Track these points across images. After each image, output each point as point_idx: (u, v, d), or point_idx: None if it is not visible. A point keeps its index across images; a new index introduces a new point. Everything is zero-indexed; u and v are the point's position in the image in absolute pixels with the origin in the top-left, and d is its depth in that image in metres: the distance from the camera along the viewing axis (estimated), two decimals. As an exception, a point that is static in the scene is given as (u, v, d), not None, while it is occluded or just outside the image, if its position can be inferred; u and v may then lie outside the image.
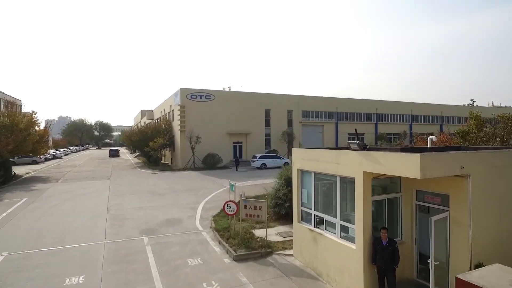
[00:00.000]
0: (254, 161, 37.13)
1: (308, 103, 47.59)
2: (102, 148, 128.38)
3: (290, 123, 46.10)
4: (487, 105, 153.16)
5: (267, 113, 44.54)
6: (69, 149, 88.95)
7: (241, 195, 13.38)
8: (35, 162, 47.78)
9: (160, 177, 30.90)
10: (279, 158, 38.24)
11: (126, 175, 32.71)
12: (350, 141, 8.48)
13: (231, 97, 42.55)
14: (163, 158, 52.62)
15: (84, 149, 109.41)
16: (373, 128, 53.24)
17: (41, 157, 50.21)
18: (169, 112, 47.35)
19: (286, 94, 46.87)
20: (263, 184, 25.66)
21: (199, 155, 38.11)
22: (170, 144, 44.17)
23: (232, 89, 48.13)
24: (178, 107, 39.94)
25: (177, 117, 41.02)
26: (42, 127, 37.45)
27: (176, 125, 41.84)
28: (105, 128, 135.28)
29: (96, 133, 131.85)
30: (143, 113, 78.70)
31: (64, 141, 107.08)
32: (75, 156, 71.02)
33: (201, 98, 40.45)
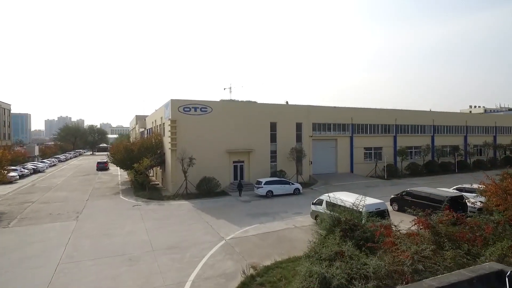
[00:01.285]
0: (258, 187, 31.03)
1: (319, 115, 41.48)
2: (96, 153, 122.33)
3: (299, 137, 39.96)
4: (495, 107, 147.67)
5: (273, 127, 38.42)
6: (57, 158, 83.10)
7: None
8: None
9: (143, 214, 24.77)
10: (288, 183, 32.12)
11: (102, 209, 26.59)
12: None
13: (231, 109, 36.44)
14: (154, 175, 46.63)
15: (75, 156, 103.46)
16: (392, 141, 47.10)
17: (15, 175, 44.33)
18: (160, 125, 41.31)
19: (295, 105, 40.83)
20: (274, 233, 19.56)
21: (193, 178, 32.08)
22: (161, 162, 38.11)
23: (232, 90, 42.16)
24: (169, 122, 33.86)
25: (167, 133, 34.94)
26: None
27: (166, 142, 35.77)
28: (100, 132, 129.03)
29: (90, 138, 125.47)
30: (137, 118, 72.76)
31: (55, 148, 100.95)
32: (61, 168, 64.96)
33: (195, 110, 34.34)
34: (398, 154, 44.92)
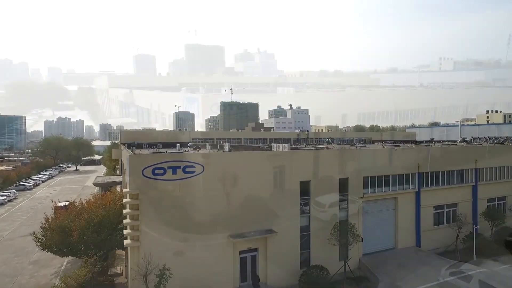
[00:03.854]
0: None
1: (373, 163, 26.74)
2: (81, 169, 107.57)
3: (343, 201, 25.22)
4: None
5: (304, 188, 23.66)
6: (23, 185, 68.22)
7: None
8: None
9: None
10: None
11: None
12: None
13: (234, 166, 21.71)
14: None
15: (51, 177, 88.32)
16: (470, 193, 32.16)
17: None
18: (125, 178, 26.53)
19: (336, 150, 26.17)
20: None
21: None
22: (123, 246, 23.28)
23: (233, 91, 27.14)
24: (127, 195, 19.13)
25: (125, 214, 20.13)
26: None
27: (126, 230, 20.79)
28: (84, 146, 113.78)
29: (74, 152, 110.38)
30: (121, 136, 57.58)
31: (27, 168, 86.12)
32: (14, 208, 50.06)
33: (174, 172, 19.58)
34: (487, 215, 30.02)
